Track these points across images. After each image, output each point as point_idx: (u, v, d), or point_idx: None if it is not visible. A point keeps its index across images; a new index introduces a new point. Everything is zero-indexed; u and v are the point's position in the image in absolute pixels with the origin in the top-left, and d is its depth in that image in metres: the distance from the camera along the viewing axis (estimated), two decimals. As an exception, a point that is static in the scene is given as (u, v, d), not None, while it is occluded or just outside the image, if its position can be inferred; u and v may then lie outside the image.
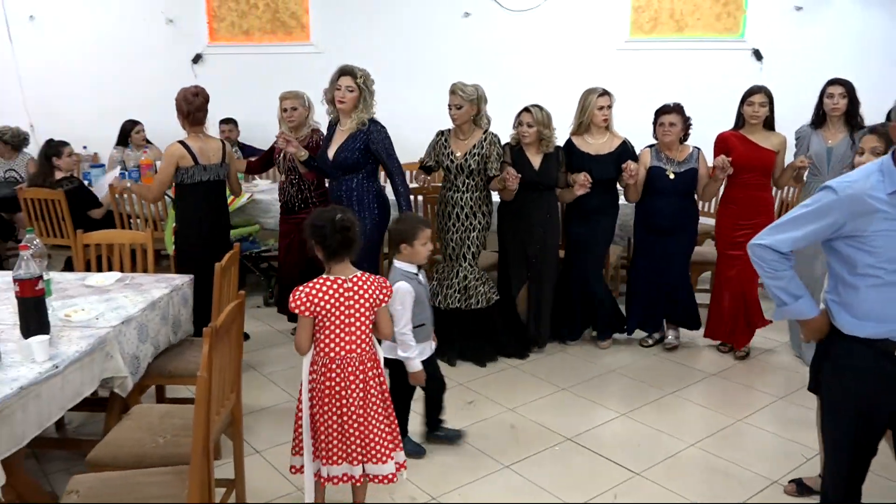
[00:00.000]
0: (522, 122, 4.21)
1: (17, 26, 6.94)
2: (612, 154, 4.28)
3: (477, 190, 4.26)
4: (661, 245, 4.36)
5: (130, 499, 2.24)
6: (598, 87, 4.28)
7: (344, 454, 2.64)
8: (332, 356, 2.59)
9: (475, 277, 4.31)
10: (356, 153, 3.94)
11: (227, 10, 6.89)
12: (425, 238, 3.06)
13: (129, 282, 3.41)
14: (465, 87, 4.11)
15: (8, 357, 2.48)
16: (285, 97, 4.46)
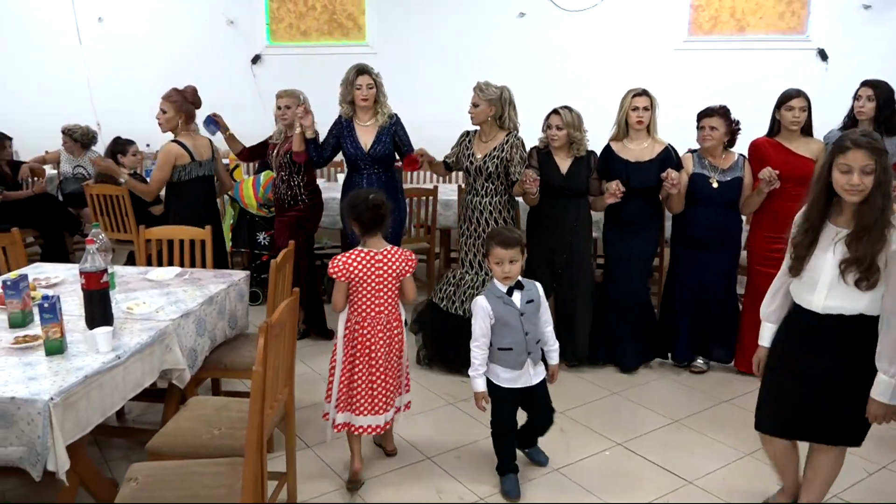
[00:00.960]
0: (551, 125, 4.02)
1: (87, 28, 7.21)
2: (654, 161, 4.00)
3: (497, 194, 4.12)
4: (701, 260, 4.04)
5: (186, 488, 2.30)
6: (636, 87, 4.04)
7: (370, 406, 3.05)
8: (363, 316, 3.02)
9: None
10: (389, 146, 4.30)
11: (285, 11, 7.02)
12: (496, 256, 2.88)
13: (188, 276, 3.50)
14: (486, 86, 4.04)
15: (74, 347, 2.58)
16: (281, 96, 4.52)
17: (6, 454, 2.23)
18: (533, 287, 2.97)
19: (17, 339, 2.62)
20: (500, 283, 2.92)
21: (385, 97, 4.33)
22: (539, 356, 3.01)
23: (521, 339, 2.90)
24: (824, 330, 2.43)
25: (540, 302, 2.98)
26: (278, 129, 4.56)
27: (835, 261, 2.34)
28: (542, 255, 4.15)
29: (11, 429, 2.21)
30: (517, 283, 2.91)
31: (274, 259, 3.28)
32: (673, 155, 4.04)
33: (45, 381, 2.31)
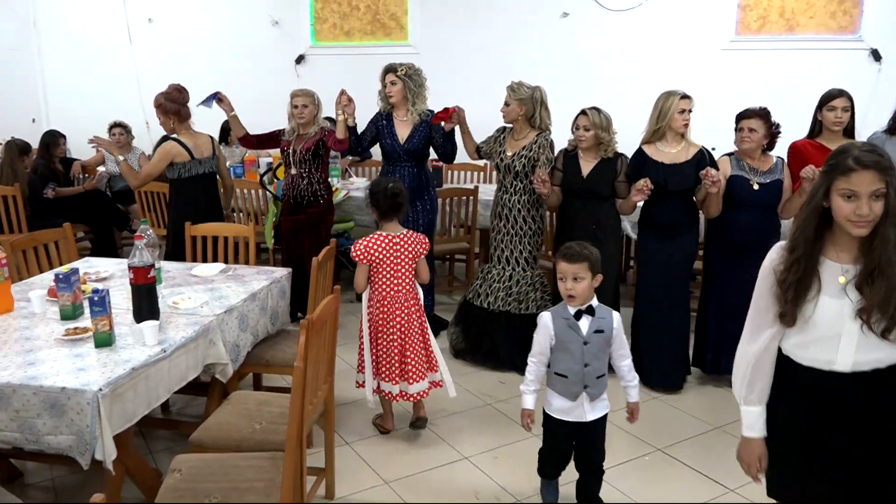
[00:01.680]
0: (579, 126, 3.96)
1: (137, 28, 7.38)
2: (689, 163, 3.87)
3: (525, 193, 4.16)
4: (739, 266, 3.83)
5: (228, 480, 2.34)
6: (678, 90, 3.90)
7: (400, 374, 3.34)
8: (383, 294, 3.32)
9: (527, 283, 4.23)
10: (424, 140, 4.45)
11: (329, 11, 7.09)
12: (560, 271, 2.67)
13: (232, 273, 3.56)
14: (519, 86, 4.08)
15: (122, 339, 2.65)
16: (296, 95, 4.60)
17: (56, 442, 2.30)
18: (608, 316, 2.69)
19: (68, 331, 2.69)
20: (569, 304, 2.66)
21: (415, 94, 4.43)
22: (600, 393, 2.74)
23: (578, 370, 2.66)
24: (858, 393, 1.88)
25: (612, 334, 2.68)
26: (291, 126, 4.65)
27: (852, 308, 1.83)
28: None
29: (62, 418, 2.28)
30: (588, 308, 2.65)
31: (315, 257, 3.32)
32: (708, 156, 3.93)
33: (94, 372, 2.37)
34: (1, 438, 2.34)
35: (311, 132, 4.59)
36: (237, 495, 2.27)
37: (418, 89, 4.45)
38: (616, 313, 2.71)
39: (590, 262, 2.62)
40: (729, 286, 3.95)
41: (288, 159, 4.67)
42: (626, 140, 4.30)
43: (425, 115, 4.47)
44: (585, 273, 2.61)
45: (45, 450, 2.36)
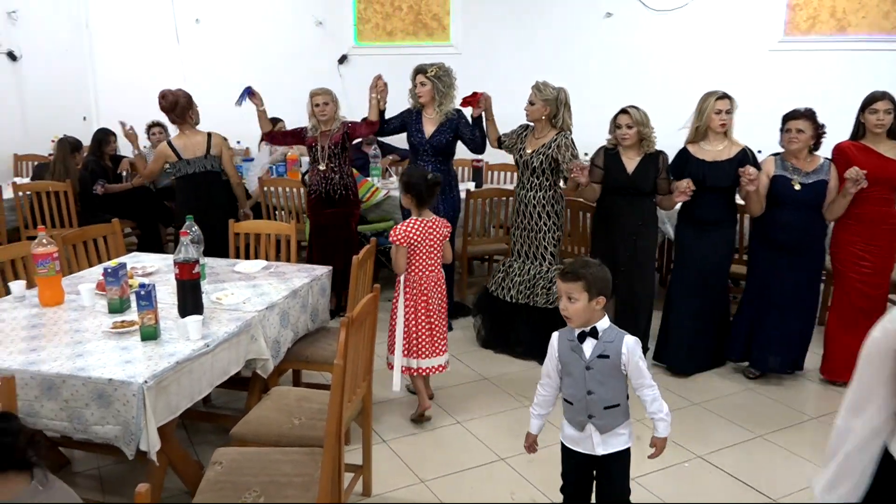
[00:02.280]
0: (621, 125, 4.02)
1: (185, 29, 7.53)
2: (731, 161, 3.95)
3: (542, 189, 4.28)
4: (780, 263, 3.95)
5: (267, 475, 2.37)
6: (717, 90, 3.99)
7: (430, 350, 3.58)
8: (420, 274, 3.55)
9: (545, 277, 4.34)
10: (449, 137, 4.57)
11: (372, 12, 7.13)
12: (557, 289, 2.48)
13: (274, 270, 3.61)
14: (544, 86, 4.20)
15: (166, 333, 2.70)
16: (316, 94, 4.73)
17: (103, 432, 2.36)
18: (616, 340, 2.36)
19: (115, 324, 2.76)
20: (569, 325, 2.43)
21: (443, 95, 4.55)
22: (612, 426, 2.41)
23: (581, 396, 2.39)
24: None
25: (620, 360, 2.35)
26: (312, 124, 4.79)
27: None
28: (605, 252, 4.11)
29: (108, 409, 2.34)
30: (592, 331, 2.37)
31: (356, 255, 3.34)
32: (750, 156, 4.00)
33: (140, 364, 2.43)
34: (51, 427, 2.41)
35: (334, 128, 4.74)
36: (276, 489, 2.30)
37: (447, 90, 4.58)
38: (629, 338, 2.35)
39: (586, 281, 2.32)
40: (770, 283, 4.02)
41: (316, 155, 4.79)
42: (670, 141, 4.26)
43: (451, 114, 4.58)
44: (580, 293, 2.32)
45: (92, 439, 2.43)
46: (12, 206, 5.46)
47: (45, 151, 6.75)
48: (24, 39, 7.02)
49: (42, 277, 3.00)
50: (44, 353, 2.51)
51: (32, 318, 2.88)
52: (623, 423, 2.43)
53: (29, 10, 7.06)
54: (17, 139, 6.97)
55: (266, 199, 5.54)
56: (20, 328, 2.76)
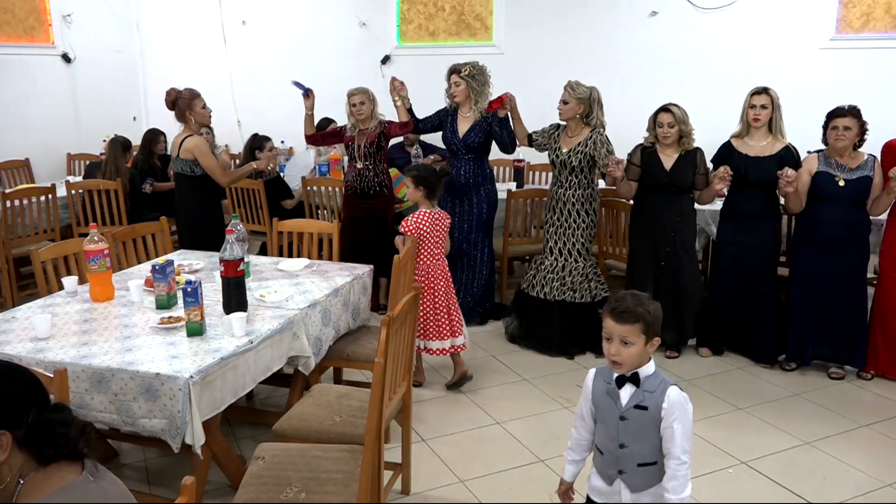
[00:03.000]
0: (663, 124, 4.09)
1: (231, 30, 7.65)
2: (773, 157, 4.02)
3: (580, 188, 4.35)
4: (824, 260, 3.99)
5: (308, 470, 2.40)
6: (758, 86, 4.06)
7: (448, 330, 3.84)
8: (428, 263, 3.82)
9: (580, 273, 4.42)
10: (482, 135, 4.66)
11: (415, 12, 7.16)
12: (605, 329, 2.06)
13: (316, 268, 3.65)
14: (577, 85, 4.27)
15: (212, 330, 2.76)
16: (353, 93, 4.87)
17: (150, 425, 2.42)
18: (658, 391, 2.02)
19: (163, 319, 2.83)
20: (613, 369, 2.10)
21: (478, 93, 4.65)
22: (646, 485, 2.09)
23: (612, 448, 2.09)
24: None
25: (661, 415, 2.01)
26: (351, 123, 4.93)
27: None
28: (644, 249, 4.32)
29: (156, 402, 2.39)
30: (633, 376, 2.05)
31: (397, 255, 3.36)
32: (793, 153, 4.04)
33: (186, 360, 2.48)
34: (100, 419, 2.48)
35: (371, 127, 4.87)
36: (317, 485, 2.33)
37: (481, 88, 4.67)
38: (674, 391, 2.03)
39: (645, 322, 2.01)
40: (814, 278, 4.05)
41: (353, 154, 4.94)
42: (714, 140, 4.20)
43: (486, 112, 4.65)
44: (637, 337, 2.00)
45: (139, 432, 2.49)
46: (65, 203, 5.62)
47: (96, 151, 6.93)
48: (77, 42, 7.22)
49: (93, 273, 3.09)
50: (94, 348, 2.58)
51: (84, 312, 2.97)
52: (658, 484, 2.07)
53: (83, 13, 7.26)
54: (70, 139, 7.18)
55: (308, 199, 5.60)
56: (72, 322, 2.84)
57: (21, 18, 6.77)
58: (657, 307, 2.05)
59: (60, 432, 1.48)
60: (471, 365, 4.28)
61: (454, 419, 3.69)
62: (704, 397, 3.94)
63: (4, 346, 2.59)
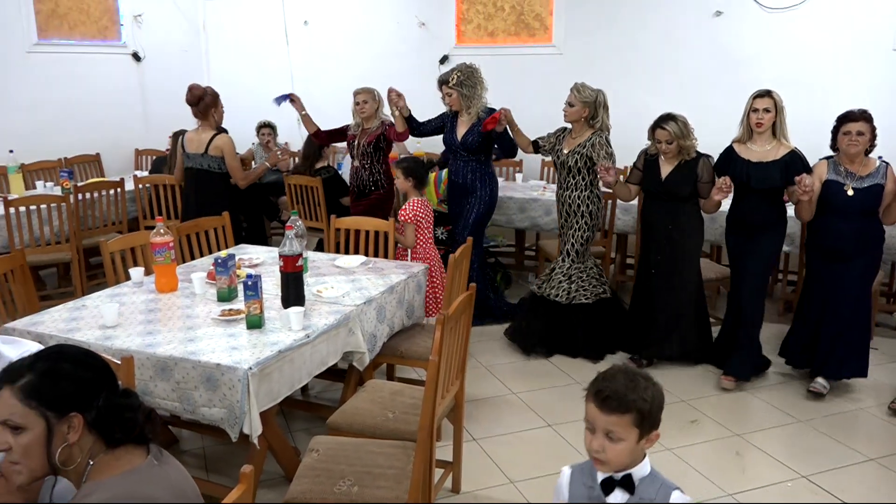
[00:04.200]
0: (661, 141, 4.00)
1: (294, 30, 7.79)
2: (777, 162, 3.84)
3: (578, 189, 4.37)
4: (834, 272, 3.85)
5: (361, 465, 2.43)
6: (761, 89, 3.90)
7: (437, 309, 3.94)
8: (426, 247, 4.15)
9: (563, 273, 4.45)
10: (479, 137, 4.69)
11: (474, 12, 7.16)
12: (587, 416, 1.69)
13: (372, 266, 3.69)
14: (584, 88, 4.28)
15: (270, 323, 2.81)
16: (358, 92, 5.04)
17: (210, 414, 2.48)
18: (660, 497, 1.63)
19: (224, 311, 2.90)
20: (596, 468, 1.70)
21: (469, 98, 4.70)
22: None
23: None
24: None
25: None
26: (356, 122, 5.08)
27: None
28: (642, 255, 4.36)
29: (216, 392, 2.46)
30: (625, 479, 1.65)
31: (452, 254, 3.37)
32: (799, 158, 3.86)
33: (245, 351, 2.54)
34: (163, 406, 2.56)
35: (374, 126, 5.00)
36: (369, 480, 2.36)
37: (472, 91, 4.71)
38: (677, 495, 1.63)
39: (639, 413, 1.59)
40: (825, 289, 3.91)
41: (353, 152, 5.10)
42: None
43: (482, 114, 4.71)
44: (627, 431, 1.59)
45: (199, 420, 2.56)
46: (133, 197, 5.81)
47: (163, 147, 7.15)
48: (147, 41, 7.46)
49: (159, 265, 3.19)
50: (159, 337, 2.67)
51: (149, 302, 3.07)
52: None
53: (153, 14, 7.50)
54: (138, 135, 7.42)
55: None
56: (138, 312, 2.94)
57: (95, 18, 7.03)
58: (658, 391, 1.63)
59: (128, 416, 1.54)
60: (521, 366, 4.27)
61: (506, 420, 3.69)
62: (762, 407, 3.84)
63: (75, 333, 2.70)
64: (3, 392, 1.51)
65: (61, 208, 4.93)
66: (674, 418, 3.69)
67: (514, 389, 4.02)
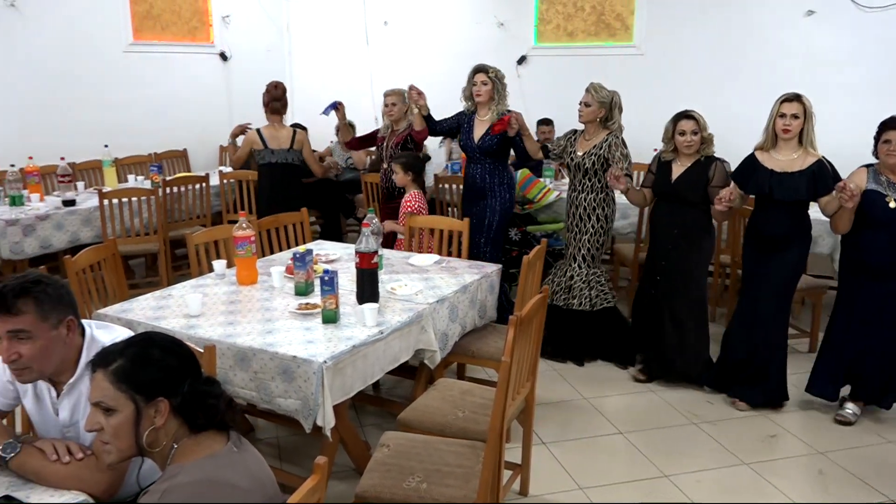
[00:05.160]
0: (686, 131, 3.86)
1: (374, 31, 7.92)
2: (802, 173, 3.56)
3: (593, 191, 4.29)
4: (873, 289, 3.53)
5: (430, 462, 2.45)
6: (789, 93, 3.63)
7: None
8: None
9: (582, 279, 4.37)
10: (495, 139, 4.49)
11: (554, 12, 7.10)
12: None
13: (445, 265, 3.71)
14: (600, 88, 4.23)
15: (345, 318, 2.86)
16: (388, 94, 5.04)
17: (286, 405, 2.55)
18: None
19: (301, 305, 2.97)
20: None
21: (500, 97, 4.57)
22: None
23: None
24: None
25: None
26: (385, 124, 5.10)
27: None
28: (649, 258, 4.17)
29: (291, 383, 2.52)
30: None
31: (526, 255, 3.35)
32: (828, 167, 3.57)
33: (321, 345, 2.59)
34: (241, 395, 2.64)
35: (402, 128, 4.98)
36: (438, 477, 2.37)
37: (503, 93, 4.61)
38: None
39: None
40: (860, 310, 3.61)
41: (382, 154, 5.09)
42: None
43: (502, 114, 4.54)
44: None
45: (275, 410, 2.63)
46: (217, 192, 6.01)
47: (245, 144, 7.39)
48: (234, 41, 7.72)
49: (240, 258, 3.29)
50: (239, 328, 2.75)
51: (231, 294, 3.17)
52: None
53: (240, 15, 7.75)
54: (224, 132, 7.64)
55: (439, 196, 5.69)
56: (220, 303, 3.04)
57: (186, 19, 7.32)
58: None
59: (211, 403, 1.60)
60: (593, 371, 4.21)
61: (576, 425, 3.64)
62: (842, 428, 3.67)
63: (161, 321, 2.82)
64: (96, 375, 1.59)
65: (150, 201, 5.15)
66: (750, 432, 3.56)
67: (586, 394, 3.96)
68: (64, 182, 5.27)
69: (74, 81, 6.35)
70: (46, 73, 6.14)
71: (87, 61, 6.45)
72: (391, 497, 2.31)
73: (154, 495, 1.49)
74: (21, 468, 1.79)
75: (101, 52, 6.53)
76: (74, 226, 5.00)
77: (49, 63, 6.16)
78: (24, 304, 1.80)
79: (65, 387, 1.94)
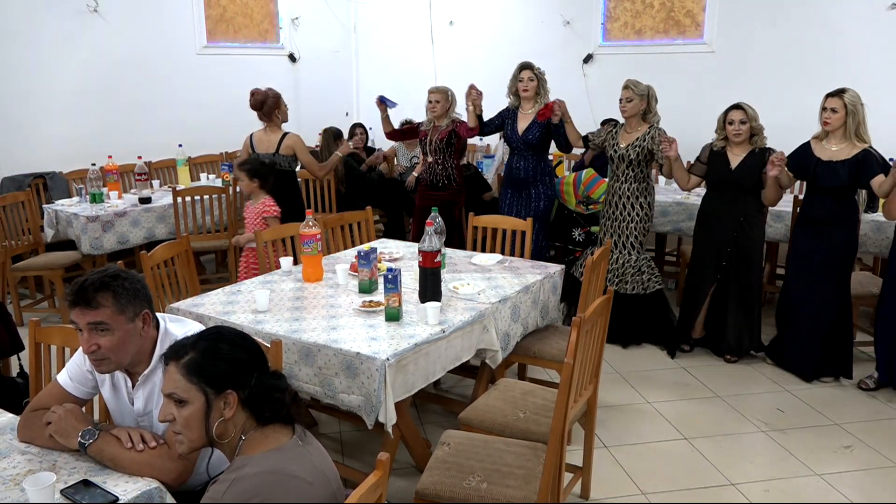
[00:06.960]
0: (734, 121, 4.10)
1: (439, 31, 7.95)
2: (845, 162, 3.80)
3: (636, 181, 4.47)
4: None
5: (491, 462, 2.44)
6: (836, 88, 3.87)
7: None
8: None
9: (631, 265, 4.54)
10: (539, 132, 4.76)
11: (622, 10, 6.99)
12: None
13: (508, 264, 3.70)
14: (637, 83, 4.40)
15: (407, 316, 2.89)
16: (432, 91, 5.15)
17: (349, 400, 2.59)
18: None
19: (364, 303, 3.01)
20: None
21: (546, 91, 4.83)
22: None
23: None
24: None
25: None
26: (428, 119, 5.19)
27: None
28: (708, 248, 4.33)
29: (355, 380, 2.56)
30: None
31: (590, 256, 3.31)
32: (874, 155, 3.77)
33: (384, 342, 2.62)
34: (305, 390, 2.69)
35: (444, 124, 5.09)
36: (498, 477, 2.36)
37: (545, 86, 4.86)
38: None
39: None
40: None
41: (426, 148, 5.19)
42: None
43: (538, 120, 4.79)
44: None
45: (338, 405, 2.67)
46: (284, 190, 6.14)
47: (314, 143, 7.52)
48: (302, 43, 7.88)
49: (307, 256, 3.36)
50: (304, 324, 2.81)
51: (297, 290, 3.24)
52: None
53: (308, 17, 7.91)
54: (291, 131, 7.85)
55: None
56: (287, 299, 3.11)
57: (257, 22, 7.52)
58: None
59: (277, 397, 1.64)
60: (657, 375, 4.13)
61: (639, 429, 3.58)
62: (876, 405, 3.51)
63: (230, 316, 2.90)
64: (169, 367, 1.65)
65: (221, 199, 5.30)
66: (824, 442, 3.44)
67: (649, 399, 3.89)
68: (141, 180, 5.49)
69: (151, 83, 6.61)
70: (125, 75, 6.41)
71: (164, 63, 6.70)
72: (451, 495, 2.32)
73: (222, 485, 1.53)
74: (99, 454, 1.87)
75: (176, 54, 6.77)
76: (150, 222, 5.20)
77: (128, 65, 6.42)
78: (103, 297, 1.88)
79: (139, 377, 2.02)
